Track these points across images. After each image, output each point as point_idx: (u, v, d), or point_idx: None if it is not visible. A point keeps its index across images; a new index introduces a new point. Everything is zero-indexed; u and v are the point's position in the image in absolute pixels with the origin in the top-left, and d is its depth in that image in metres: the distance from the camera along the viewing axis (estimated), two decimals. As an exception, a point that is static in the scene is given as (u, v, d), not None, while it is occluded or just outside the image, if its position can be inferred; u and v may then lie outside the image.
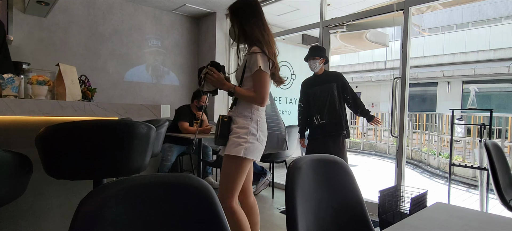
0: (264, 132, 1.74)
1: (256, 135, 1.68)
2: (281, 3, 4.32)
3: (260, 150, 1.71)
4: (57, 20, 3.87)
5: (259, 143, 1.70)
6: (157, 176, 0.75)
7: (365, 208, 1.16)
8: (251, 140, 1.66)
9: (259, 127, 1.70)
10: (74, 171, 1.35)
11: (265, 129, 1.75)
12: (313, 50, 3.09)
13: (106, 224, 0.58)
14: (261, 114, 1.74)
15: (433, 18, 16.48)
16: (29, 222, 1.63)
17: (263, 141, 1.73)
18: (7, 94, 1.58)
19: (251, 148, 1.65)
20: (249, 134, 1.66)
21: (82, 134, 1.33)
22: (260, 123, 1.72)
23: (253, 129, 1.67)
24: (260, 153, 1.72)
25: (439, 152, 6.87)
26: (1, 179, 1.11)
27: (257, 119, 1.71)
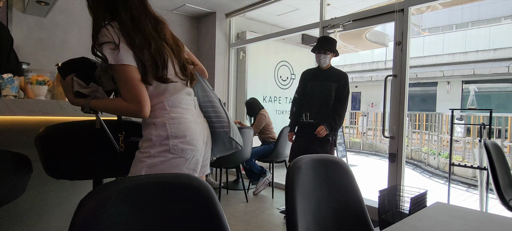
0: (184, 137, 1.17)
1: (168, 146, 1.14)
2: (281, 3, 4.32)
3: (179, 165, 1.17)
4: (57, 20, 3.86)
5: (175, 155, 1.16)
6: (157, 176, 0.75)
7: (365, 208, 1.16)
8: (158, 153, 1.14)
9: (171, 132, 1.15)
10: (73, 171, 1.35)
11: (189, 131, 1.18)
12: (324, 43, 2.81)
13: (106, 224, 0.58)
14: (173, 114, 1.17)
15: (433, 18, 16.50)
16: (29, 222, 1.62)
17: (186, 151, 1.17)
18: (7, 94, 1.58)
19: (159, 165, 1.14)
20: (154, 146, 1.14)
21: (81, 134, 1.33)
22: (172, 126, 1.16)
23: (159, 138, 1.14)
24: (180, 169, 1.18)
25: (439, 152, 6.87)
26: (1, 179, 1.11)
27: (165, 122, 1.15)
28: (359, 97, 16.77)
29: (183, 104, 1.22)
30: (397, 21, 2.92)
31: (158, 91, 1.17)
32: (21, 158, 1.19)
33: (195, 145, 1.20)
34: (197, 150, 1.21)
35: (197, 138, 1.21)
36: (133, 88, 1.09)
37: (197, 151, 1.21)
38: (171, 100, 1.19)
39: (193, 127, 1.20)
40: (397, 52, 2.92)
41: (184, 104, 1.22)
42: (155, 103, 1.17)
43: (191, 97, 1.27)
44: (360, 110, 14.83)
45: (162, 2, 4.40)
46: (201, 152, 1.24)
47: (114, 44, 1.07)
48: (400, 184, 2.83)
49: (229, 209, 3.31)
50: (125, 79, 1.09)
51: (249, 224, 2.91)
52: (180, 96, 1.21)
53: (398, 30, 2.92)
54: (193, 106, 1.26)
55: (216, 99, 1.37)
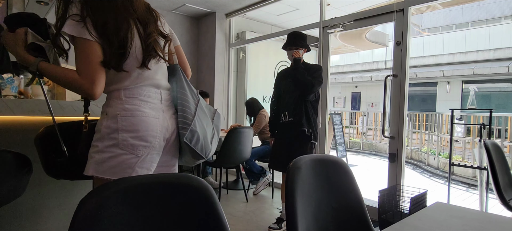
0: (138, 132, 1.05)
1: (116, 139, 1.03)
2: (281, 3, 4.32)
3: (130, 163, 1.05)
4: (57, 20, 3.86)
5: (125, 152, 1.04)
6: (156, 175, 0.75)
7: (365, 208, 1.16)
8: (106, 148, 1.04)
9: (121, 125, 1.04)
10: (73, 171, 1.35)
11: (143, 127, 1.06)
12: (293, 38, 2.69)
13: (106, 224, 0.58)
14: (127, 105, 1.06)
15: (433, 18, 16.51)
16: (29, 222, 1.63)
17: (137, 148, 1.05)
18: (7, 94, 1.59)
19: (107, 161, 1.03)
20: (102, 139, 1.04)
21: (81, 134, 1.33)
22: (124, 118, 1.05)
23: (108, 130, 1.04)
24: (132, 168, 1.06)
25: (439, 152, 6.88)
26: (1, 179, 1.11)
27: (117, 113, 1.05)
28: (359, 97, 16.78)
29: (142, 95, 1.10)
30: (397, 21, 2.92)
31: (118, 78, 1.07)
32: (21, 158, 1.19)
33: (149, 141, 1.07)
34: (152, 147, 1.08)
35: (153, 135, 1.08)
36: (91, 64, 0.99)
37: (152, 148, 1.08)
38: (130, 90, 1.08)
39: (149, 122, 1.08)
40: (397, 52, 2.92)
41: (144, 96, 1.10)
42: (111, 89, 1.09)
43: (157, 90, 1.15)
44: (360, 110, 14.83)
45: (162, 2, 4.40)
46: (159, 150, 1.12)
47: (79, 17, 0.99)
48: (400, 184, 2.83)
49: (229, 209, 3.31)
50: (86, 53, 0.99)
51: (249, 224, 2.91)
52: (141, 87, 1.10)
53: (398, 30, 2.92)
54: (158, 100, 1.14)
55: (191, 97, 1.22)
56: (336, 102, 17.45)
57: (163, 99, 1.16)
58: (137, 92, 1.09)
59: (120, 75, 1.07)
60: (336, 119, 6.87)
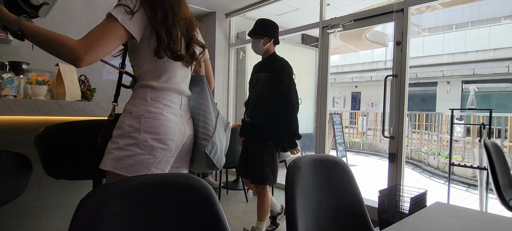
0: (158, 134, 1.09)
1: (137, 139, 1.06)
2: (281, 3, 4.32)
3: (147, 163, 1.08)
4: (57, 20, 3.86)
5: (144, 152, 1.07)
6: (157, 175, 0.75)
7: (365, 208, 1.16)
8: (126, 146, 1.07)
9: (144, 126, 1.07)
10: (73, 171, 1.35)
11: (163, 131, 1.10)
12: (256, 26, 2.43)
13: (106, 223, 0.58)
14: (151, 107, 1.11)
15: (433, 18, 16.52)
16: (29, 222, 1.63)
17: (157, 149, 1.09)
18: (7, 94, 1.59)
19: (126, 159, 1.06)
20: (123, 136, 1.08)
21: (81, 134, 1.33)
22: (147, 120, 1.08)
23: (130, 129, 1.07)
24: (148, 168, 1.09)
25: (439, 152, 6.88)
26: (1, 179, 1.11)
27: (140, 113, 1.09)
28: (359, 97, 16.78)
29: (166, 100, 1.14)
30: (397, 21, 2.92)
31: (149, 76, 1.13)
32: (21, 158, 1.19)
33: (167, 144, 1.11)
34: (169, 150, 1.13)
35: (171, 138, 1.12)
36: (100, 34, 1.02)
37: (169, 151, 1.13)
38: (155, 93, 1.13)
39: (169, 125, 1.12)
40: (397, 52, 2.93)
41: (167, 101, 1.15)
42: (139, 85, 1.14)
43: (179, 96, 1.20)
44: (360, 110, 14.83)
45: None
46: (174, 153, 1.16)
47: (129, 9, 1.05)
48: (400, 184, 2.83)
49: (229, 208, 3.31)
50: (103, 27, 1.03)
51: (249, 224, 2.91)
52: (166, 92, 1.15)
53: (398, 30, 2.92)
54: (178, 105, 1.19)
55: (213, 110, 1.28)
56: (336, 102, 17.45)
57: (183, 104, 1.21)
58: (161, 97, 1.14)
59: (151, 75, 1.12)
60: (336, 119, 6.87)
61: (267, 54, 2.45)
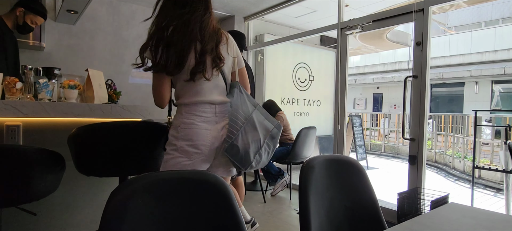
0: (192, 141, 1.29)
1: (176, 146, 1.30)
2: (299, 5, 4.35)
3: (184, 165, 1.29)
4: (85, 27, 4.08)
5: (182, 156, 1.29)
6: (177, 172, 0.81)
7: (379, 207, 1.17)
8: (170, 151, 1.32)
9: (181, 135, 1.30)
10: (102, 168, 1.45)
11: (195, 137, 1.30)
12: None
13: (133, 213, 0.65)
14: (185, 119, 1.31)
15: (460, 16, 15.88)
16: (62, 214, 1.75)
17: (191, 153, 1.29)
18: (42, 98, 1.72)
19: (169, 162, 1.31)
20: (168, 144, 1.34)
21: (109, 134, 1.43)
22: (183, 129, 1.30)
23: (172, 138, 1.33)
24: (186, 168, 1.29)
25: (465, 155, 6.63)
26: (39, 175, 1.22)
27: (178, 124, 1.32)
28: (381, 99, 16.41)
29: (198, 111, 1.33)
30: (417, 21, 2.88)
31: (181, 93, 1.35)
32: (55, 156, 1.30)
33: (200, 149, 1.31)
34: (202, 153, 1.31)
35: (203, 143, 1.31)
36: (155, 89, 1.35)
37: (202, 154, 1.32)
38: (188, 106, 1.33)
39: (201, 133, 1.31)
40: (417, 52, 2.88)
41: (199, 112, 1.33)
42: (178, 103, 1.37)
43: (212, 105, 1.35)
44: (382, 112, 14.51)
45: (183, 7, 4.54)
46: (208, 156, 1.34)
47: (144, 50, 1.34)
48: (421, 187, 2.78)
49: (247, 209, 3.35)
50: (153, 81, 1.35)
51: (267, 225, 2.95)
52: (197, 104, 1.33)
53: (418, 30, 2.88)
54: (212, 113, 1.35)
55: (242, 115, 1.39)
56: (357, 104, 17.15)
57: (218, 112, 1.37)
58: (193, 109, 1.33)
59: (182, 92, 1.35)
60: (356, 120, 6.78)
61: None
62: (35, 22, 2.26)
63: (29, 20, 2.22)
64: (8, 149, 1.18)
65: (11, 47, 2.22)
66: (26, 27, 2.24)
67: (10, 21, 2.19)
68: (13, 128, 1.60)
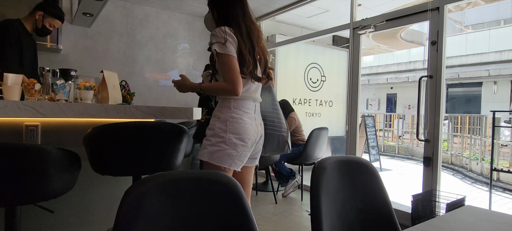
0: (239, 135, 1.46)
1: (224, 138, 1.43)
2: (311, 5, 4.32)
3: (231, 155, 1.45)
4: (100, 30, 4.17)
5: (229, 147, 1.44)
6: (189, 172, 0.82)
7: (392, 210, 1.16)
8: (217, 143, 1.44)
9: (229, 128, 1.44)
10: (117, 167, 1.48)
11: (243, 131, 1.47)
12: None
13: (147, 211, 0.66)
14: (233, 114, 1.47)
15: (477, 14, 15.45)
16: (78, 212, 1.80)
17: (238, 145, 1.45)
18: (60, 99, 1.77)
19: (217, 153, 1.43)
20: (214, 135, 1.45)
21: (123, 134, 1.46)
22: (232, 124, 1.45)
23: (219, 130, 1.45)
24: (232, 159, 1.45)
25: (482, 157, 6.45)
26: (56, 174, 1.25)
27: (226, 118, 1.46)
28: (394, 99, 16.14)
29: (244, 108, 1.51)
30: (432, 20, 2.82)
31: None
32: (72, 155, 1.34)
33: (246, 142, 1.48)
34: (246, 146, 1.49)
35: (248, 137, 1.48)
36: (232, 72, 1.40)
37: (246, 147, 1.49)
38: (237, 102, 1.49)
39: (247, 127, 1.49)
40: (432, 52, 2.83)
41: (246, 108, 1.51)
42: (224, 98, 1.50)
43: (255, 103, 1.56)
44: (395, 112, 14.26)
45: (194, 9, 4.59)
46: (251, 148, 1.52)
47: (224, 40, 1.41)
48: (436, 189, 2.72)
49: (258, 209, 3.37)
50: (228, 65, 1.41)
51: (278, 225, 2.94)
52: (244, 101, 1.51)
53: (433, 29, 2.82)
54: (253, 111, 1.54)
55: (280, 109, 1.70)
56: (370, 105, 16.91)
57: (256, 110, 1.57)
58: (241, 105, 1.50)
59: None
60: (369, 121, 6.68)
61: None
62: (53, 25, 2.32)
63: (47, 24, 2.28)
64: (27, 148, 1.22)
65: (29, 49, 2.29)
66: (45, 30, 2.31)
67: (30, 25, 2.26)
68: (32, 127, 1.65)
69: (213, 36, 1.44)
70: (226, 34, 1.42)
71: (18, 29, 2.19)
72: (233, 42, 1.43)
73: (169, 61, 4.73)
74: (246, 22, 1.51)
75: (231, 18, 1.49)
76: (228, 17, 1.50)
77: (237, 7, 1.50)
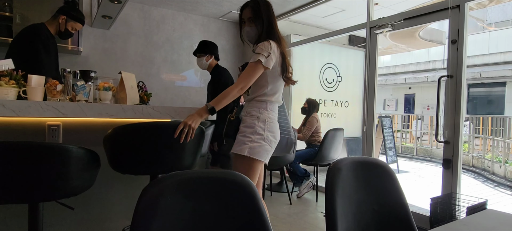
0: (273, 133, 1.70)
1: (263, 135, 1.64)
2: (327, 5, 4.29)
3: (267, 150, 1.67)
4: (118, 32, 4.28)
5: (266, 144, 1.66)
6: (205, 171, 0.84)
7: (409, 212, 1.13)
8: (257, 139, 1.63)
9: (267, 127, 1.67)
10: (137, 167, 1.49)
11: (275, 130, 1.72)
12: (199, 47, 3.01)
13: (163, 209, 0.68)
14: (270, 115, 1.70)
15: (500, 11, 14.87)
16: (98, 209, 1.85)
17: (272, 142, 1.68)
18: (80, 99, 1.82)
19: (256, 148, 1.62)
20: (254, 133, 1.64)
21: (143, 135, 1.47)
22: (268, 123, 1.68)
23: (259, 128, 1.65)
24: (267, 154, 1.68)
25: (506, 159, 6.20)
26: (77, 172, 1.29)
27: (265, 118, 1.68)
28: (413, 100, 15.75)
29: (275, 110, 1.76)
30: (452, 18, 2.74)
31: (272, 92, 1.72)
32: (92, 154, 1.38)
33: (277, 139, 1.73)
34: (276, 142, 1.73)
35: (278, 135, 1.74)
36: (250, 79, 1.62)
37: (275, 143, 1.73)
38: (272, 104, 1.73)
39: (277, 128, 1.75)
40: (453, 51, 2.74)
41: (276, 110, 1.77)
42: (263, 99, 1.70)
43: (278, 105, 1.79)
44: (414, 113, 13.92)
45: (210, 10, 4.63)
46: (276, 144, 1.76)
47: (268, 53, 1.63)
48: (456, 192, 2.64)
49: (273, 210, 3.36)
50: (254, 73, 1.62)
51: (292, 226, 2.93)
52: (274, 103, 1.75)
53: (453, 27, 2.74)
54: (277, 113, 1.78)
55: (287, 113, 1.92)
56: (387, 105, 16.57)
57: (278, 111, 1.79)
58: (274, 107, 1.75)
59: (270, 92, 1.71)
60: (386, 122, 6.55)
61: (211, 68, 3.03)
62: (75, 28, 2.40)
63: (70, 27, 2.36)
64: (50, 147, 1.26)
65: (54, 52, 2.37)
66: (67, 33, 2.39)
67: (53, 28, 2.34)
68: (54, 127, 1.71)
69: (262, 47, 1.64)
70: (272, 48, 1.64)
71: (47, 34, 2.28)
72: (274, 57, 1.66)
73: (185, 62, 4.79)
74: (280, 34, 1.77)
75: (273, 33, 1.73)
76: (270, 32, 1.72)
77: (274, 23, 1.76)
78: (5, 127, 1.59)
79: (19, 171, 1.18)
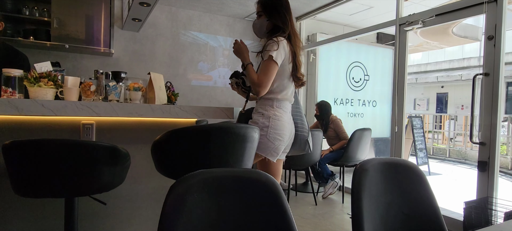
0: (278, 131, 1.67)
1: (266, 133, 1.64)
2: (354, 2, 4.19)
3: (270, 148, 1.66)
4: (147, 34, 4.42)
5: (270, 141, 1.65)
6: (230, 170, 0.85)
7: (441, 216, 1.08)
8: (260, 136, 1.62)
9: (271, 124, 1.66)
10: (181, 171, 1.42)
11: (281, 128, 1.68)
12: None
13: (190, 206, 0.69)
14: (276, 112, 1.69)
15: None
16: (128, 205, 1.93)
17: (277, 140, 1.67)
18: (112, 99, 1.91)
19: (260, 144, 1.61)
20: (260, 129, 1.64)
21: (192, 139, 1.41)
22: (273, 121, 1.67)
23: (262, 125, 1.66)
24: (270, 151, 1.67)
25: (550, 163, 5.76)
26: (109, 168, 1.36)
27: (270, 116, 1.67)
28: (445, 99, 15.04)
29: (284, 108, 1.73)
30: (489, 13, 2.59)
31: (277, 90, 1.70)
32: (123, 152, 1.44)
33: (282, 137, 1.69)
34: (283, 141, 1.70)
35: (285, 133, 1.70)
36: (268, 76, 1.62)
37: (282, 141, 1.69)
38: (279, 102, 1.71)
39: (284, 125, 1.70)
40: (489, 48, 2.59)
41: (285, 108, 1.73)
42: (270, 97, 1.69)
43: (289, 104, 1.77)
44: (447, 113, 13.28)
45: (236, 10, 4.67)
46: (285, 143, 1.73)
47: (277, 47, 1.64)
48: (492, 197, 2.49)
49: (298, 210, 3.34)
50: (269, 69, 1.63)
51: (317, 227, 2.90)
52: (284, 102, 1.72)
53: (489, 23, 2.59)
54: (289, 111, 1.77)
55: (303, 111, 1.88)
56: (418, 105, 15.93)
57: (290, 110, 1.79)
58: (282, 105, 1.73)
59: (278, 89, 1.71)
60: (416, 122, 6.30)
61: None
62: None
63: None
64: (84, 144, 1.34)
65: None
66: None
67: None
68: (88, 126, 1.80)
69: (270, 44, 1.65)
70: (280, 45, 1.63)
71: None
72: (284, 53, 1.65)
73: (210, 62, 4.87)
74: (293, 31, 1.74)
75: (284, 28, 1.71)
76: (280, 28, 1.71)
77: (288, 19, 1.72)
78: (44, 125, 1.70)
79: (56, 167, 1.26)
